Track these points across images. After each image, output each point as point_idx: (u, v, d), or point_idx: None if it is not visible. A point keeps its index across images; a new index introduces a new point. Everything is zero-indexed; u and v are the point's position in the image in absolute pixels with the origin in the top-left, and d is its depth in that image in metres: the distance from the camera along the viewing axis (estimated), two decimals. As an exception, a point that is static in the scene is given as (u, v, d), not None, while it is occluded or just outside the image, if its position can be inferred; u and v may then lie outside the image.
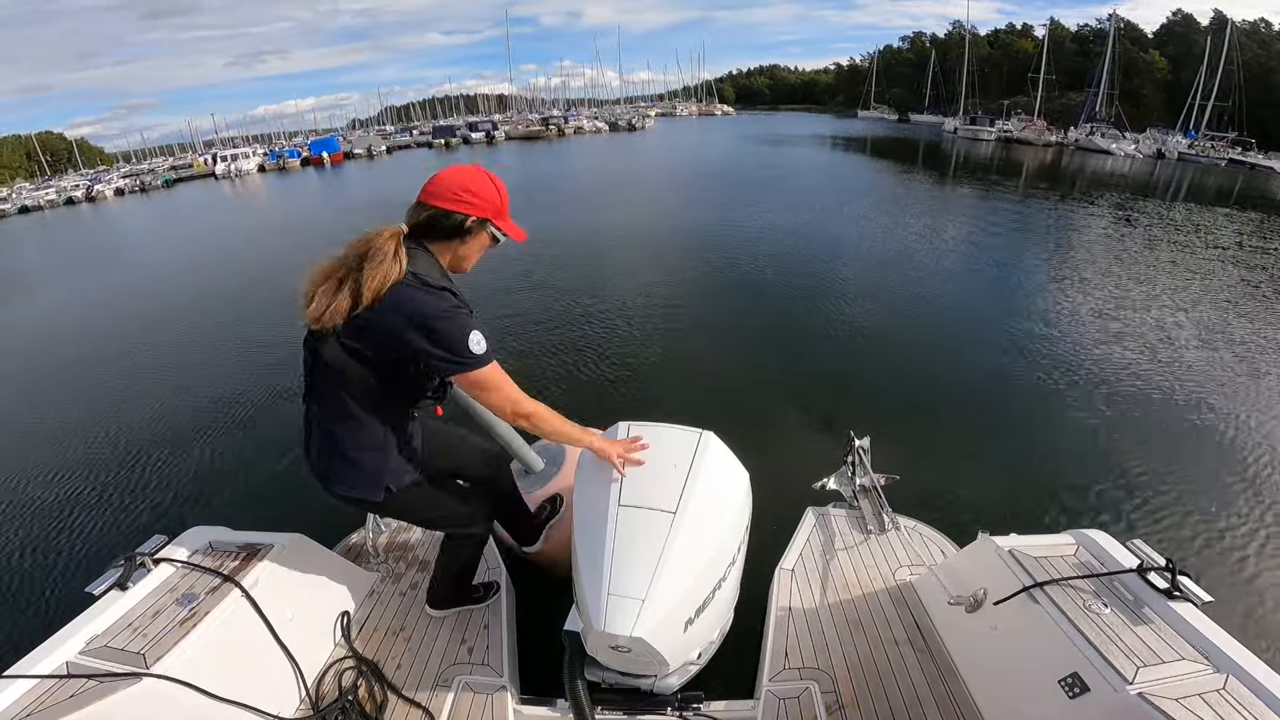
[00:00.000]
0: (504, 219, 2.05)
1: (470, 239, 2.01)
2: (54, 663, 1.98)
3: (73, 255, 21.17)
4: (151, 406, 6.93)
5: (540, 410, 2.08)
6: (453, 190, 1.93)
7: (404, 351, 1.88)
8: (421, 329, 1.83)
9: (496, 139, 60.34)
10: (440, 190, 1.93)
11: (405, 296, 1.82)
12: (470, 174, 1.97)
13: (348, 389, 1.98)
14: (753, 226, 14.54)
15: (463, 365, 1.89)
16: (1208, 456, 5.17)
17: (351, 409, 2.02)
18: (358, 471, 2.11)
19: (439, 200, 1.93)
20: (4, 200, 43.74)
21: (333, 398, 2.02)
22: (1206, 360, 6.98)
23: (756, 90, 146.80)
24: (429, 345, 1.84)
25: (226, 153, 54.56)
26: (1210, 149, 38.04)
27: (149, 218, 31.49)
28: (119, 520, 4.90)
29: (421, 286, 1.85)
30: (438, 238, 1.97)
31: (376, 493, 2.16)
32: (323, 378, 2.00)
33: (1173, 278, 10.52)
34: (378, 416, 2.07)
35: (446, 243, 1.99)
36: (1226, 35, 45.46)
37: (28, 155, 78.77)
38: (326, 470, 2.15)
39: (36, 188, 50.36)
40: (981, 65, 67.23)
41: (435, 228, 1.96)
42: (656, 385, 6.42)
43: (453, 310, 1.87)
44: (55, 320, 11.80)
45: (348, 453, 2.09)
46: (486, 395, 1.99)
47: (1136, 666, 1.84)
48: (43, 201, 42.07)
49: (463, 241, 2.01)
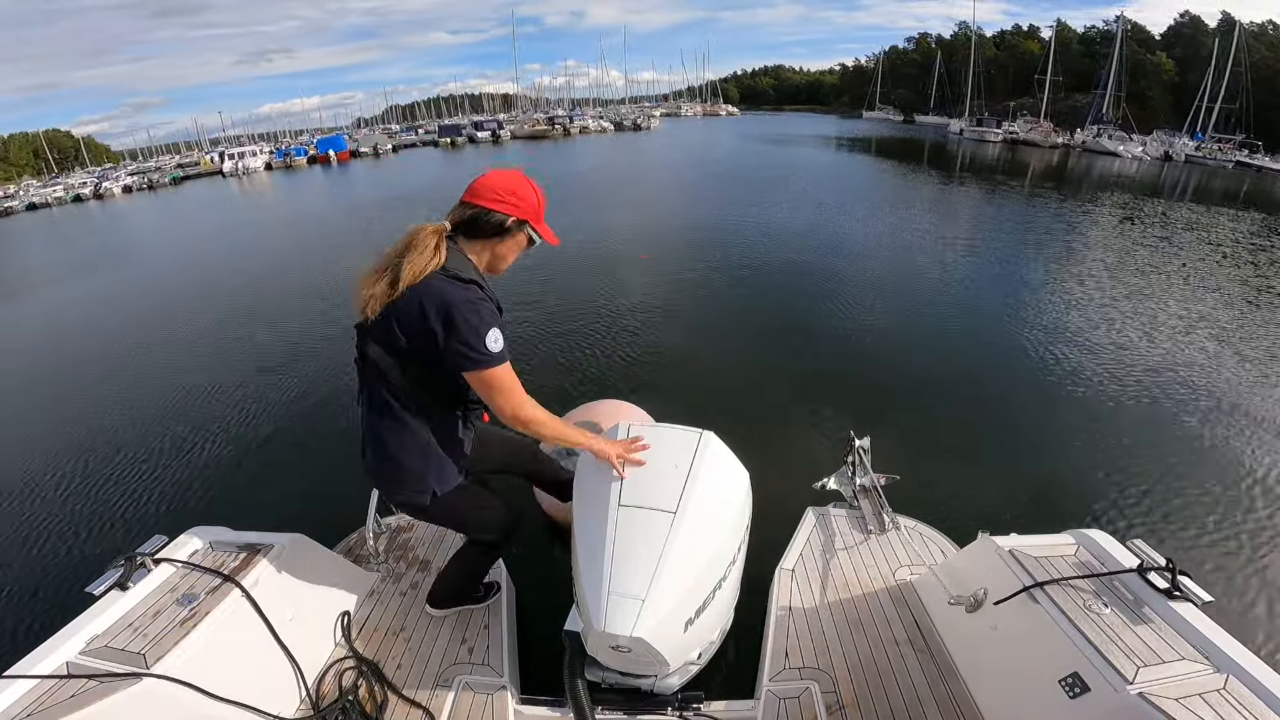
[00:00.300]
0: (540, 223, 2.14)
1: (509, 239, 2.09)
2: (54, 663, 1.98)
3: (81, 253, 21.27)
4: (152, 406, 6.94)
5: (541, 415, 2.09)
6: (496, 191, 2.02)
7: (429, 344, 1.92)
8: (444, 318, 1.88)
9: (502, 138, 60.53)
10: (484, 191, 2.02)
11: (436, 286, 1.90)
12: (512, 177, 2.07)
13: (390, 388, 2.05)
14: (755, 226, 14.54)
15: (475, 360, 1.92)
16: (1208, 456, 5.16)
17: (395, 410, 2.08)
18: (405, 474, 2.16)
19: (482, 200, 2.01)
20: (11, 197, 43.95)
21: (379, 399, 2.10)
22: (1208, 361, 6.97)
23: (761, 91, 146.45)
24: (448, 335, 1.89)
25: (234, 151, 54.86)
26: (1217, 151, 37.79)
27: (158, 215, 31.58)
28: (119, 520, 4.90)
29: (452, 279, 1.92)
30: (478, 236, 2.06)
31: (423, 496, 2.19)
32: (369, 378, 2.09)
33: (1175, 279, 10.49)
34: (422, 418, 2.12)
35: (486, 241, 2.08)
36: (1234, 37, 45.12)
37: (35, 153, 79.23)
38: (378, 473, 2.21)
39: (44, 185, 50.64)
40: (987, 66, 67.00)
41: (477, 226, 2.04)
42: (657, 385, 6.41)
43: (477, 302, 1.93)
44: (58, 319, 11.84)
45: (394, 454, 2.13)
46: (492, 395, 2.01)
47: (1137, 666, 1.84)
48: (50, 199, 42.36)
49: (501, 240, 2.09)
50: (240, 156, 51.01)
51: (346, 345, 2.15)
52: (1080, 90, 57.17)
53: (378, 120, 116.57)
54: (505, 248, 2.11)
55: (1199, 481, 4.78)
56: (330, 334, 8.59)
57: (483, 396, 2.04)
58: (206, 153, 65.27)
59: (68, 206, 40.72)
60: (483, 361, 1.92)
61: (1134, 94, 52.05)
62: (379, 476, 2.22)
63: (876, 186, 23.37)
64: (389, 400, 2.07)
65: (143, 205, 36.38)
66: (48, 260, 20.56)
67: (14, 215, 38.82)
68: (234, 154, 52.22)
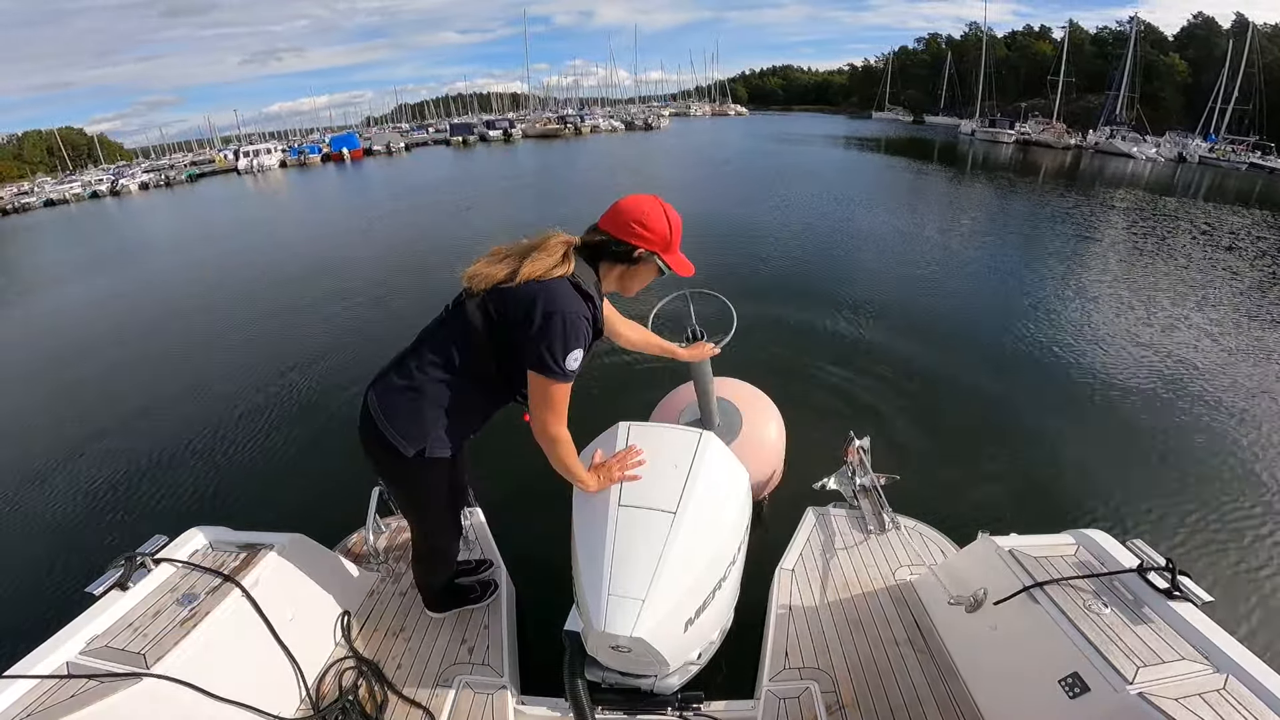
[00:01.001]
0: (672, 253, 2.13)
1: (638, 267, 2.12)
2: (54, 663, 1.99)
3: (96, 250, 21.28)
4: (152, 405, 6.95)
5: (564, 442, 2.10)
6: (628, 221, 2.03)
7: (519, 331, 1.96)
8: (545, 317, 1.91)
9: (514, 137, 60.55)
10: (617, 220, 2.05)
11: (554, 288, 1.94)
12: (648, 207, 2.06)
13: (459, 345, 2.08)
14: (757, 225, 14.50)
15: (548, 367, 1.94)
16: (1209, 456, 5.12)
17: (452, 364, 2.09)
18: (415, 416, 2.13)
19: (614, 229, 2.05)
20: (29, 194, 44.31)
21: (443, 348, 2.10)
22: (1208, 361, 6.92)
23: (769, 91, 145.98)
24: (539, 333, 1.92)
25: (249, 148, 55.18)
26: (1231, 153, 37.54)
27: (175, 212, 31.47)
28: (119, 520, 4.91)
29: (574, 287, 1.98)
30: (607, 260, 2.10)
31: (413, 445, 2.14)
32: (450, 328, 2.10)
33: (1177, 280, 10.41)
34: (465, 382, 2.12)
35: (614, 265, 2.12)
36: (1248, 38, 44.91)
37: (49, 150, 79.80)
38: (386, 400, 2.14)
39: (59, 182, 50.96)
40: (998, 67, 66.77)
41: (605, 251, 2.08)
42: (657, 385, 6.33)
43: (579, 319, 1.95)
44: (58, 318, 11.88)
45: (419, 393, 2.11)
46: (540, 404, 2.03)
47: (1136, 666, 1.83)
48: (68, 195, 42.64)
49: (629, 268, 2.12)
50: (255, 154, 51.27)
51: (348, 346, 2.16)
52: (1092, 91, 56.94)
53: (387, 119, 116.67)
54: (633, 276, 2.16)
55: (1199, 481, 4.75)
56: (332, 334, 8.60)
57: (531, 399, 2.05)
58: (219, 150, 65.76)
59: (85, 203, 40.82)
60: (553, 372, 1.94)
61: (1147, 95, 51.81)
62: (384, 402, 2.13)
63: (886, 187, 23.25)
64: (452, 354, 2.07)
65: (160, 202, 36.23)
66: (58, 259, 20.61)
67: (32, 211, 39.06)
68: (249, 151, 52.54)
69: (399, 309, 9.54)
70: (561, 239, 2.04)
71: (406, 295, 10.26)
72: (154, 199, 38.83)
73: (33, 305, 13.34)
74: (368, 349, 7.77)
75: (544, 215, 17.24)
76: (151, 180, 46.94)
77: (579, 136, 61.84)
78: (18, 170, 71.37)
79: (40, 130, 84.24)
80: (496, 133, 61.23)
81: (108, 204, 39.15)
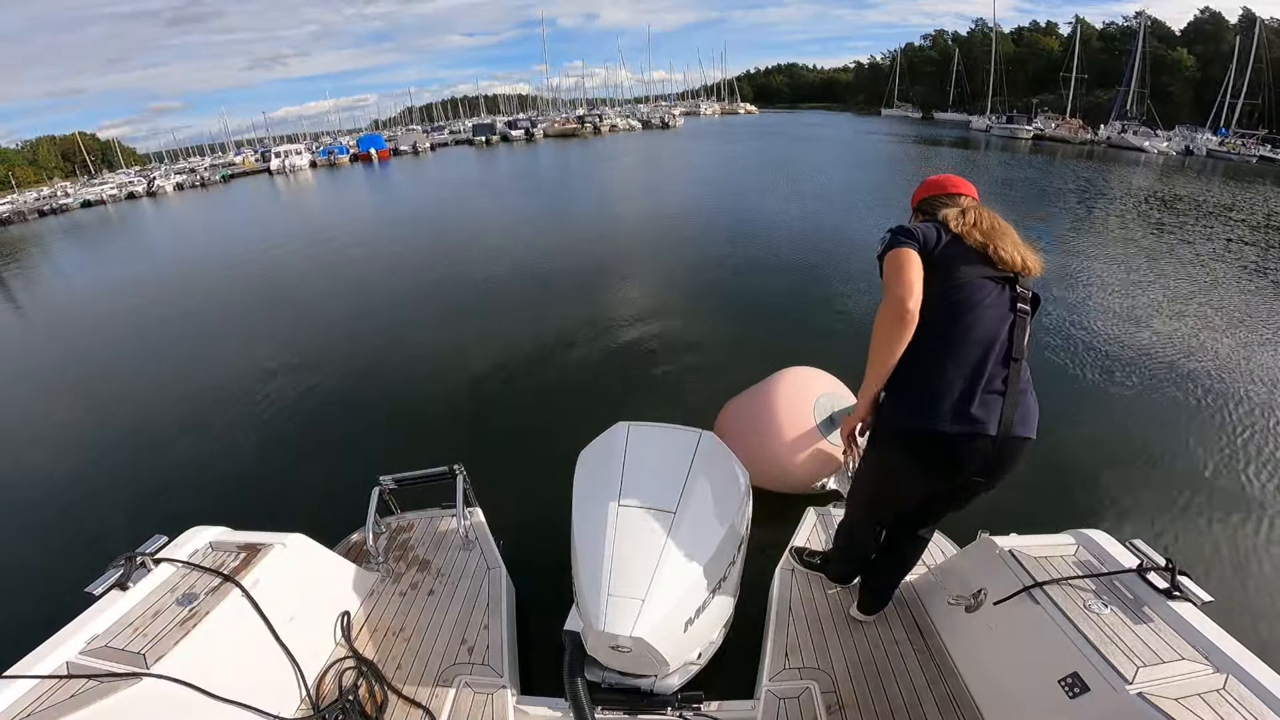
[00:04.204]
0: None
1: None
2: (54, 663, 2.00)
3: (141, 247, 21.60)
4: (152, 405, 6.97)
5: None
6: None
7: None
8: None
9: (536, 136, 61.19)
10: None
11: None
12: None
13: (1021, 334, 2.04)
14: (759, 225, 14.44)
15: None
16: (1209, 456, 5.08)
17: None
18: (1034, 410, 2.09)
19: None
20: (66, 195, 44.56)
21: (1018, 341, 2.02)
22: (1209, 359, 6.84)
23: (775, 89, 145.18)
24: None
25: (280, 149, 55.67)
26: (1240, 146, 37.30)
27: (212, 211, 30.96)
28: (119, 520, 4.92)
29: None
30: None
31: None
32: (1019, 322, 2.04)
33: (1178, 276, 10.29)
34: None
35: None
36: (1255, 33, 44.71)
37: (63, 155, 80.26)
38: (1027, 409, 2.07)
39: (81, 186, 51.02)
40: (1006, 63, 66.52)
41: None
42: (657, 385, 6.35)
43: None
44: (60, 317, 11.98)
45: (1028, 390, 2.07)
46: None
47: (1136, 666, 1.82)
48: (105, 195, 42.87)
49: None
50: (286, 155, 51.75)
51: (348, 347, 2.16)
52: (1102, 87, 56.68)
53: (395, 122, 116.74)
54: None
55: (1199, 481, 4.72)
56: (334, 335, 8.60)
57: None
58: (237, 154, 66.25)
59: (122, 204, 40.74)
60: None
61: (1156, 90, 51.46)
62: (1025, 411, 2.05)
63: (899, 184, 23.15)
64: (1021, 343, 2.01)
65: (198, 202, 35.59)
66: (70, 259, 20.81)
67: (70, 212, 39.02)
68: (280, 152, 53.01)
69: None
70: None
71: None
72: (190, 199, 38.13)
73: (36, 304, 13.44)
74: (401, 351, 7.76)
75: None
76: (186, 181, 47.36)
77: (598, 135, 61.82)
78: (34, 175, 71.96)
79: (54, 136, 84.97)
80: (519, 132, 61.71)
81: (144, 204, 38.61)
